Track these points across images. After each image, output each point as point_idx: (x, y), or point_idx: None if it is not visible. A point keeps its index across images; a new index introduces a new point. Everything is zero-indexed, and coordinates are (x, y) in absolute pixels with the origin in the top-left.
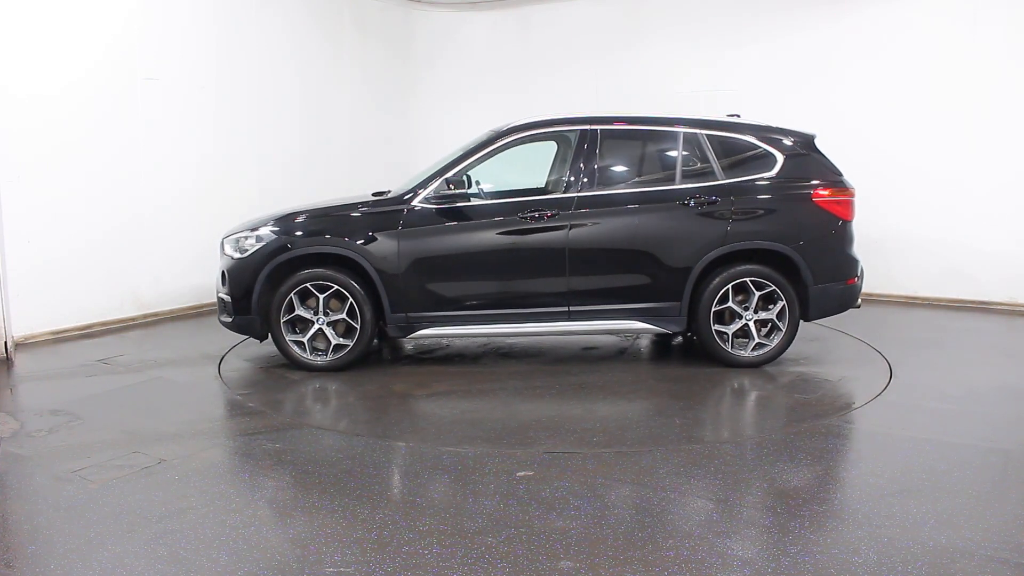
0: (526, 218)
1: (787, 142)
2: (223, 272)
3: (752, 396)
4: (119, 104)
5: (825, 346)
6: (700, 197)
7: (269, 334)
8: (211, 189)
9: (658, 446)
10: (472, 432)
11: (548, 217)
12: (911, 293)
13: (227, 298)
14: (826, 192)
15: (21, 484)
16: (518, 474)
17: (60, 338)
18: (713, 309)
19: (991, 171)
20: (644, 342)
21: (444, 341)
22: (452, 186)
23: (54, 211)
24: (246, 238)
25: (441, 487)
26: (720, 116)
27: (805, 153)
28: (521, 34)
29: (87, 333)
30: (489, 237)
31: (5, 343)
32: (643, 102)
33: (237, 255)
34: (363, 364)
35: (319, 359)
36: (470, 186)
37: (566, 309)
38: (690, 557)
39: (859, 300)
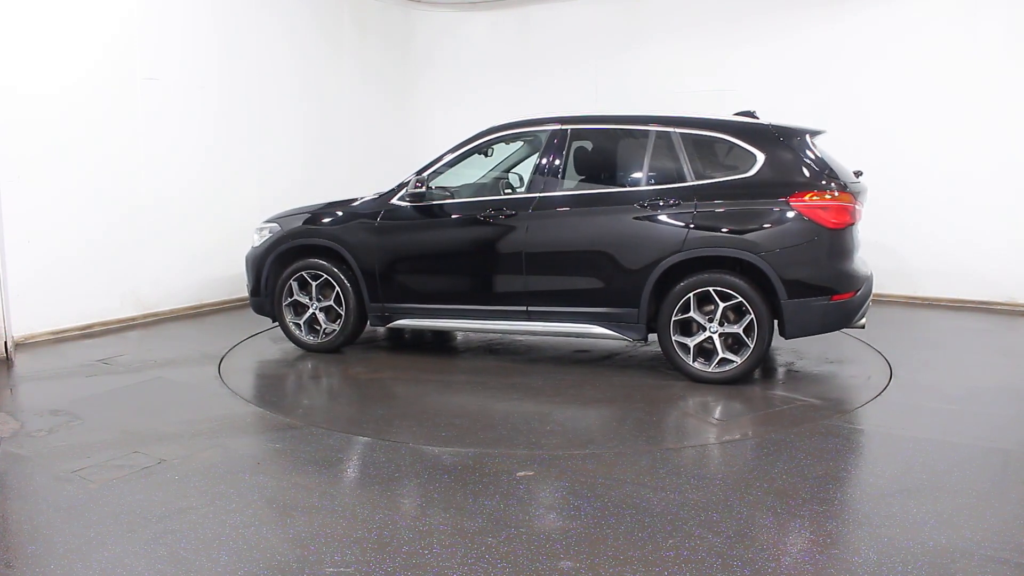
0: (485, 217)
1: (773, 141)
2: (245, 259)
3: (751, 396)
4: (119, 104)
5: (824, 346)
6: (658, 200)
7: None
8: (211, 189)
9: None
10: (351, 413)
11: (505, 217)
12: (911, 293)
13: (247, 282)
14: (807, 196)
15: (21, 484)
16: (518, 474)
17: (60, 338)
18: (676, 319)
19: (992, 171)
20: (651, 348)
21: (457, 333)
22: (420, 184)
23: (54, 211)
24: (261, 230)
25: (441, 487)
26: (700, 114)
27: (793, 152)
28: (521, 33)
29: (87, 333)
30: (452, 235)
31: (5, 343)
32: (645, 102)
33: (254, 244)
34: (352, 347)
35: (312, 339)
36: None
37: (525, 309)
38: (690, 557)
39: (862, 320)
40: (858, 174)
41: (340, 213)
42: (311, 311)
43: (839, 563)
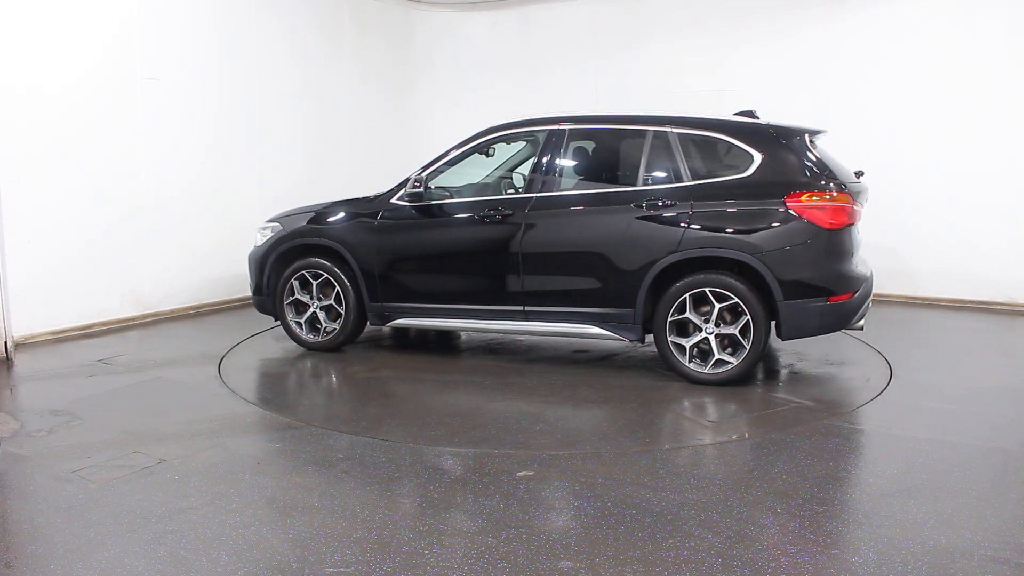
0: (483, 217)
1: (771, 141)
2: (248, 258)
3: (751, 396)
4: (119, 104)
5: (824, 346)
6: (654, 200)
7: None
8: (211, 189)
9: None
10: (344, 412)
11: (502, 217)
12: (911, 293)
13: (250, 281)
14: (804, 196)
15: (21, 484)
16: (518, 474)
17: (60, 338)
18: (672, 319)
19: (992, 171)
20: (651, 349)
21: (461, 333)
22: (418, 184)
23: (54, 211)
24: (264, 229)
25: (441, 487)
26: (698, 113)
27: (791, 152)
28: (521, 33)
29: (87, 333)
30: (449, 234)
31: (5, 343)
32: (645, 102)
33: (257, 243)
34: (355, 345)
35: (313, 338)
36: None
37: (522, 308)
38: (690, 557)
39: (860, 321)
40: (859, 174)
41: (341, 213)
42: (312, 310)
43: (839, 563)
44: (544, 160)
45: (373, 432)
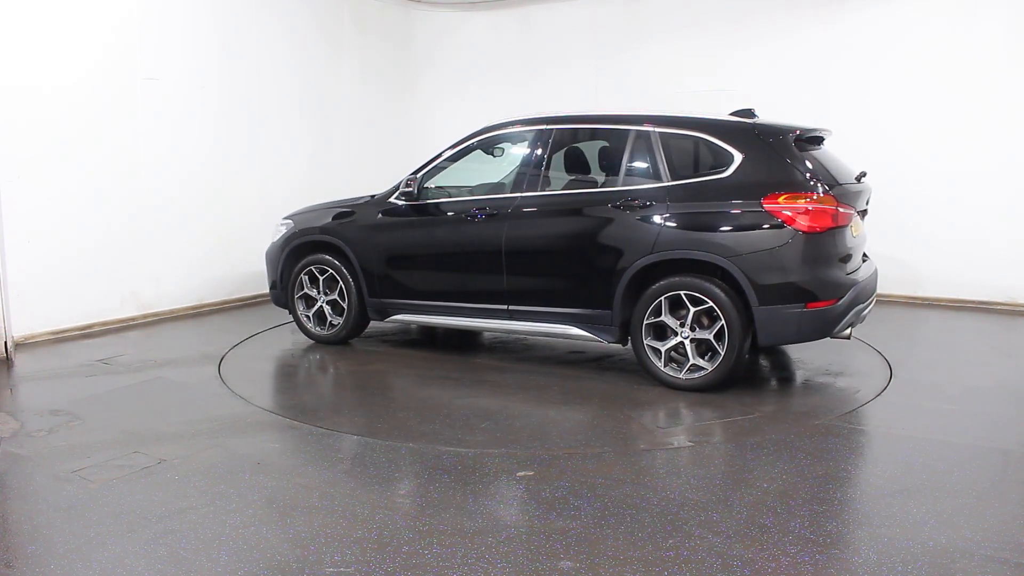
0: (470, 217)
1: (753, 140)
2: (264, 254)
3: (752, 396)
4: (119, 104)
5: (824, 346)
6: (631, 200)
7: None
8: (211, 189)
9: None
10: (310, 401)
11: (487, 217)
12: (911, 293)
13: (267, 276)
14: (781, 198)
15: (21, 484)
16: (518, 474)
17: (60, 338)
18: (648, 322)
19: (992, 171)
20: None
21: (485, 332)
22: (411, 184)
23: (54, 211)
24: (280, 226)
25: (441, 487)
26: (683, 112)
27: (774, 153)
28: (521, 33)
29: (87, 333)
30: (439, 233)
31: (5, 343)
32: (645, 102)
33: (273, 240)
34: (368, 339)
35: (320, 331)
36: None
37: (506, 308)
38: (690, 557)
39: (847, 330)
40: (862, 176)
41: (345, 211)
42: (319, 304)
43: (839, 563)
44: (529, 160)
45: (327, 424)
